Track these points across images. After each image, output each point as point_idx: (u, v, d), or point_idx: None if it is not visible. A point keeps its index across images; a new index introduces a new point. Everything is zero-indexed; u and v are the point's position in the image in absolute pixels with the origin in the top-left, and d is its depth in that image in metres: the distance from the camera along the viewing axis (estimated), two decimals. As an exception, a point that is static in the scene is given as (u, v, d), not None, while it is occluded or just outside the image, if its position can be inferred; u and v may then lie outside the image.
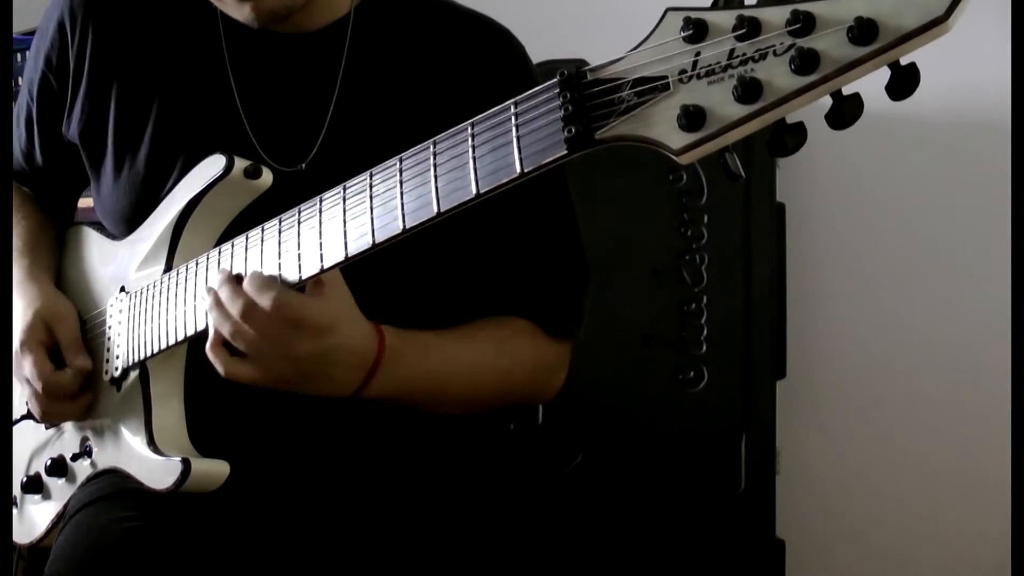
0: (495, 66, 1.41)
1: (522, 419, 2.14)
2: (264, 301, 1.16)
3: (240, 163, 1.29)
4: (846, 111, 0.81)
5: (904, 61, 0.79)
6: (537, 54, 1.51)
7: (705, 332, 2.17)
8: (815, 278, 2.52)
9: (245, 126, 1.38)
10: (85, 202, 1.68)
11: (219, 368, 1.22)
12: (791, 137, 0.84)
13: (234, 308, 1.18)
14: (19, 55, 2.29)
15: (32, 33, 1.52)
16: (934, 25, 0.76)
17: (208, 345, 1.22)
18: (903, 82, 0.79)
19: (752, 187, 2.19)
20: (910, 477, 2.47)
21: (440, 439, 1.42)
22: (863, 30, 0.78)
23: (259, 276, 1.18)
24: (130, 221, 1.42)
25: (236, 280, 1.20)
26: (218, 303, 1.20)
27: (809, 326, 2.50)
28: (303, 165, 1.36)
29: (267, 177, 1.30)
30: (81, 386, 1.41)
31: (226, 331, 1.19)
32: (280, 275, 1.18)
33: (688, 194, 2.20)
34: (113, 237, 1.49)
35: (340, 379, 1.23)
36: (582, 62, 2.24)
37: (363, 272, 1.18)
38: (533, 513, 1.88)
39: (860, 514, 2.49)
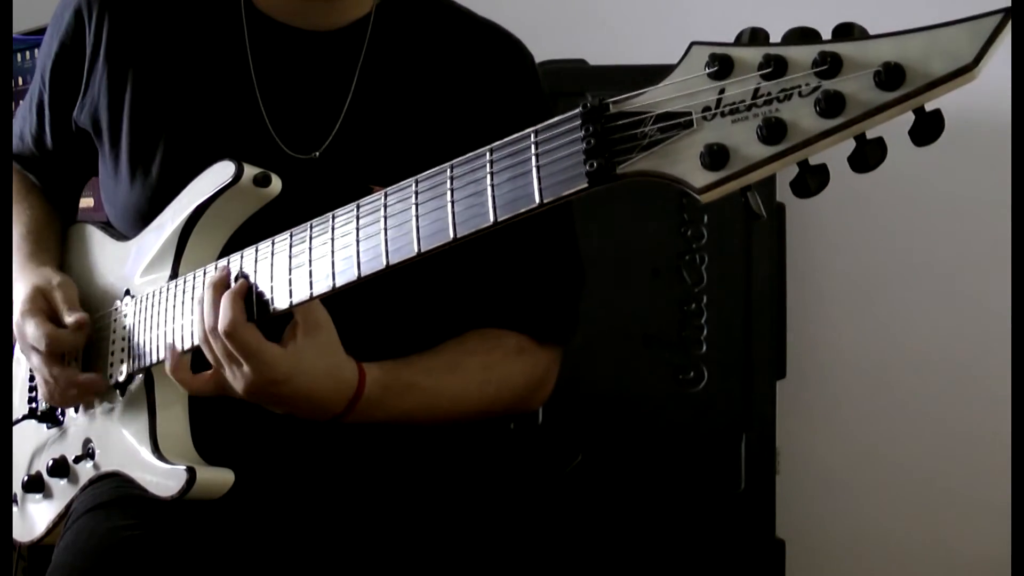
0: (505, 71, 1.46)
1: (522, 419, 2.13)
2: (224, 325, 1.18)
3: (250, 170, 1.29)
4: (870, 155, 0.81)
5: (929, 107, 0.78)
6: (537, 54, 1.54)
7: (705, 332, 2.16)
8: (815, 278, 2.52)
9: (262, 113, 1.39)
10: (85, 203, 1.68)
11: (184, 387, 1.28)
12: (814, 178, 0.83)
13: (208, 318, 1.20)
14: (19, 55, 2.28)
15: (32, 33, 1.51)
16: (962, 73, 0.75)
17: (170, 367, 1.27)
18: (927, 128, 0.78)
19: (752, 187, 2.17)
20: (910, 476, 2.48)
21: (440, 440, 1.43)
22: (890, 75, 0.77)
23: (233, 295, 1.19)
24: (143, 212, 1.42)
25: (221, 288, 1.21)
26: (201, 303, 1.23)
27: (809, 326, 2.50)
28: (317, 153, 1.38)
29: (276, 185, 1.30)
30: (85, 382, 1.41)
31: (196, 334, 1.24)
32: (290, 290, 1.18)
33: (688, 194, 2.18)
34: (118, 235, 1.49)
35: (305, 414, 1.26)
36: (582, 62, 2.26)
37: None
38: (533, 513, 1.88)
39: (860, 514, 2.49)
